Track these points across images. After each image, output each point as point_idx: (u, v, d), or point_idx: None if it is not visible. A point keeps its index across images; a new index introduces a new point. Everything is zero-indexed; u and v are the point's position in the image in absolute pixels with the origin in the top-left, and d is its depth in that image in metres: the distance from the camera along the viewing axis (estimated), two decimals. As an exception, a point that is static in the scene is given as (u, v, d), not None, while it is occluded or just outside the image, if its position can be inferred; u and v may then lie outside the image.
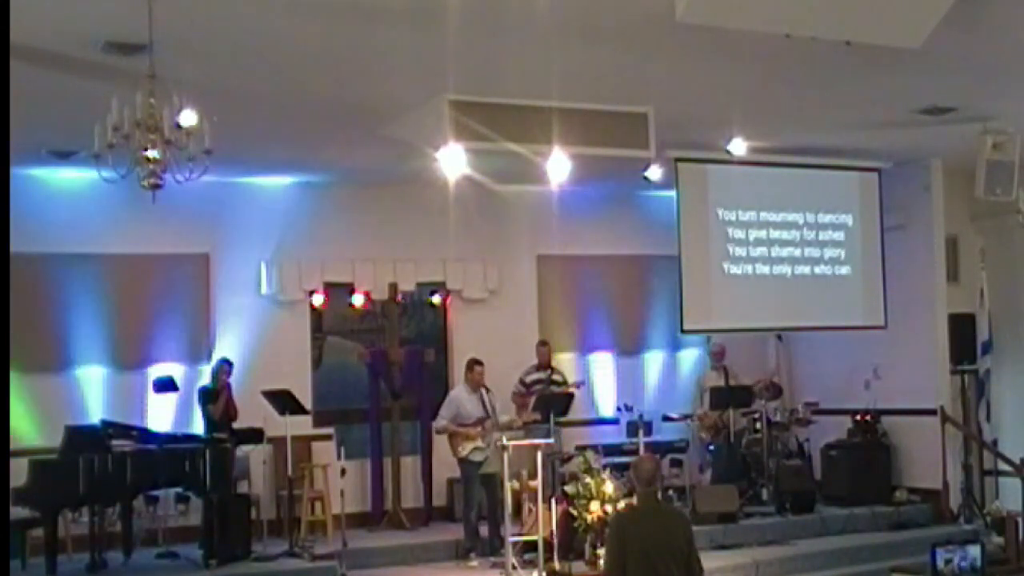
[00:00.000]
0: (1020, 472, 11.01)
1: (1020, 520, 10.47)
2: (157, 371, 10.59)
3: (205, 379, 10.53)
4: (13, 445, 9.06)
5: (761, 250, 11.20)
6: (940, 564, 8.21)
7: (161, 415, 10.46)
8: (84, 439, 8.95)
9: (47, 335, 10.43)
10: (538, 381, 11.39)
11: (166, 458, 9.18)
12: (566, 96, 8.22)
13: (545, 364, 11.55)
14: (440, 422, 10.11)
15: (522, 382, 11.39)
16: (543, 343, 11.72)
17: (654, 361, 12.94)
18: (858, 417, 11.95)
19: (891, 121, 9.77)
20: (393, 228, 11.62)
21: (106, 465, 8.81)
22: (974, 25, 6.90)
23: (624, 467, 10.28)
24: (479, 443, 9.87)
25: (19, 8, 5.80)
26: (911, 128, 9.94)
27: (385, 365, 11.32)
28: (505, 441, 9.23)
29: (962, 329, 11.89)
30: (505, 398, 11.03)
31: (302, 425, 10.56)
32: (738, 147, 10.05)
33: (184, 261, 11.03)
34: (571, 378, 11.82)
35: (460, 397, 10.12)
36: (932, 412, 11.52)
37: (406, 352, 11.43)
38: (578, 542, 9.36)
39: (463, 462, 9.98)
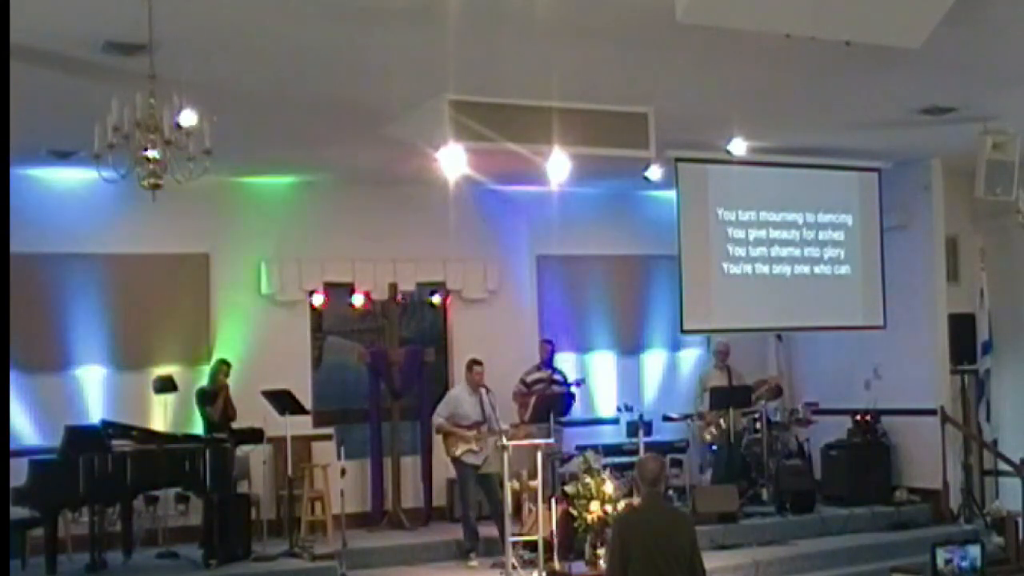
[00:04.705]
0: (1020, 472, 11.01)
1: (1020, 520, 10.49)
2: (157, 371, 10.59)
3: (205, 379, 10.52)
4: (13, 445, 9.07)
5: (761, 250, 11.19)
6: (940, 564, 8.21)
7: (161, 415, 10.45)
8: (84, 439, 8.94)
9: (47, 335, 10.42)
10: (539, 380, 11.39)
11: (166, 458, 9.18)
12: (566, 96, 8.22)
13: (547, 363, 11.56)
14: (437, 419, 10.11)
15: (523, 382, 11.39)
16: (547, 341, 11.73)
17: (654, 361, 12.94)
18: (858, 417, 11.94)
19: (891, 121, 9.77)
20: (393, 228, 11.61)
21: (106, 465, 8.81)
22: (974, 25, 6.90)
23: (624, 467, 10.31)
24: (473, 446, 9.88)
25: (19, 8, 5.80)
26: (911, 128, 9.94)
27: (385, 365, 11.32)
28: (505, 441, 9.24)
29: (962, 329, 11.89)
30: (506, 398, 11.03)
31: (302, 425, 10.57)
32: (738, 147, 10.05)
33: (184, 261, 11.02)
34: (572, 377, 11.83)
35: (459, 397, 10.12)
36: (932, 412, 11.52)
37: (406, 352, 11.43)
38: (578, 542, 9.36)
39: (456, 462, 10.00)
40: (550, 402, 10.57)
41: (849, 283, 11.62)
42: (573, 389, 11.44)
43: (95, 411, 10.24)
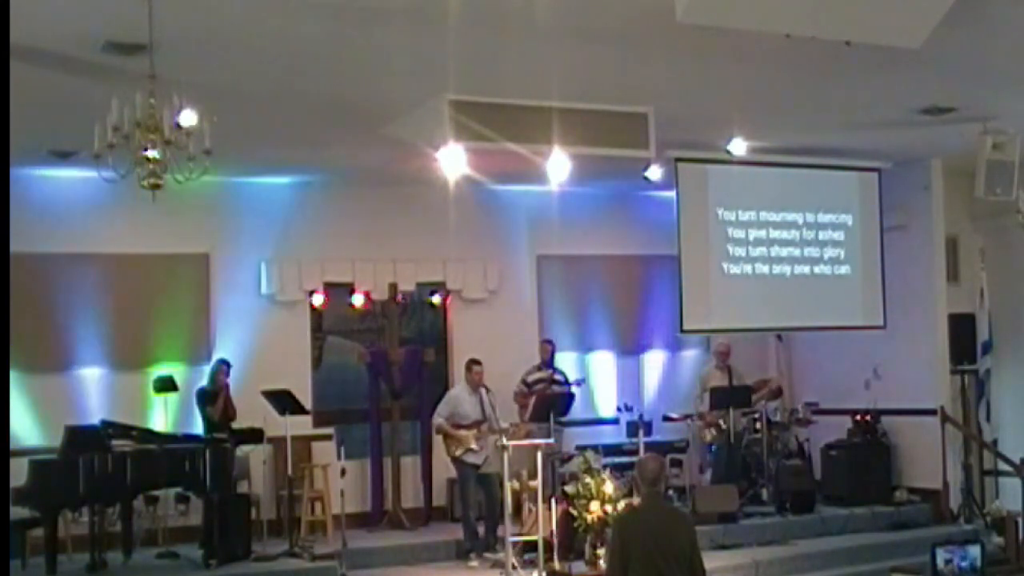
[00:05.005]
0: (1020, 472, 11.01)
1: (1020, 520, 10.49)
2: (157, 371, 10.59)
3: (205, 379, 10.52)
4: (13, 445, 9.07)
5: (761, 250, 11.19)
6: (940, 564, 8.23)
7: (161, 415, 10.45)
8: (84, 439, 8.94)
9: (47, 335, 10.42)
10: (540, 380, 11.39)
11: (166, 458, 9.18)
12: (566, 96, 8.22)
13: (547, 363, 11.56)
14: (437, 419, 10.15)
15: (524, 382, 11.39)
16: (547, 342, 11.74)
17: (654, 361, 12.94)
18: (858, 417, 11.94)
19: (891, 121, 9.76)
20: (393, 228, 11.61)
21: (106, 465, 8.82)
22: (974, 25, 6.90)
23: (624, 467, 10.32)
24: (472, 445, 9.88)
25: (19, 8, 5.80)
26: (911, 128, 9.94)
27: (385, 365, 11.32)
28: (505, 441, 9.24)
29: (962, 329, 11.89)
30: (506, 398, 11.03)
31: (302, 425, 10.57)
32: (738, 147, 10.05)
33: (184, 261, 11.02)
34: (573, 377, 11.82)
35: (459, 396, 10.14)
36: (932, 412, 11.52)
37: (406, 352, 11.43)
38: (578, 542, 9.36)
39: (456, 461, 10.01)
40: (550, 402, 10.56)
41: (849, 283, 11.62)
42: (573, 389, 11.43)
43: (95, 411, 10.23)
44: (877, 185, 11.66)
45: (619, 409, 11.80)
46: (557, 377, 11.55)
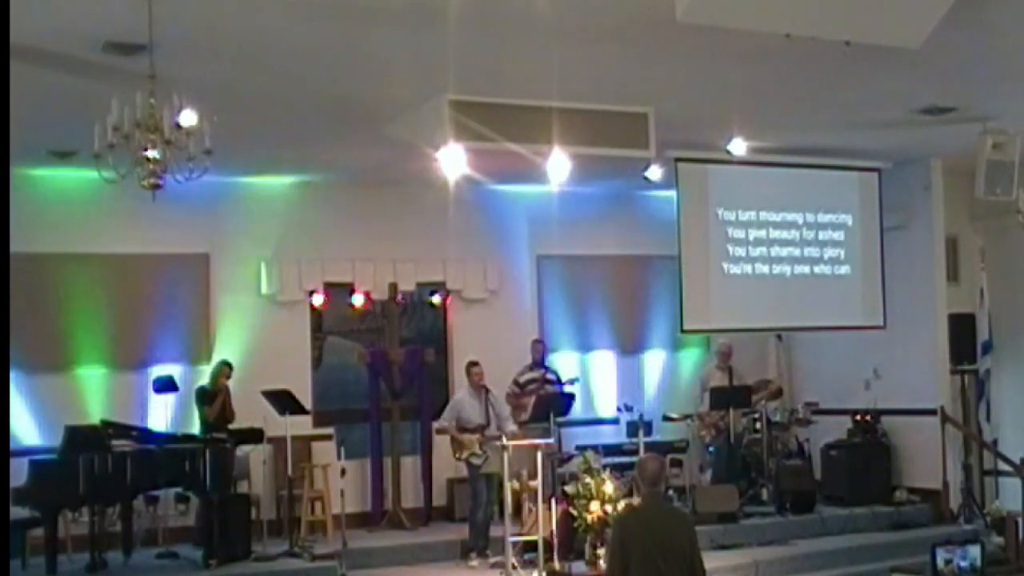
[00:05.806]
0: (1020, 472, 11.01)
1: (1020, 520, 10.48)
2: (157, 371, 10.59)
3: (205, 379, 10.52)
4: (13, 445, 9.07)
5: (761, 250, 11.20)
6: (940, 564, 8.23)
7: (161, 415, 10.44)
8: (84, 439, 8.94)
9: (47, 335, 10.42)
10: (532, 380, 11.35)
11: (166, 458, 9.18)
12: (566, 96, 8.22)
13: (539, 362, 11.54)
14: (441, 423, 10.17)
15: (516, 383, 11.32)
16: (538, 341, 11.72)
17: (654, 361, 12.94)
18: (858, 417, 11.94)
19: (891, 121, 9.77)
20: (393, 228, 11.61)
21: (106, 465, 8.81)
22: (974, 25, 6.91)
23: (624, 467, 10.31)
24: (476, 449, 9.86)
25: (19, 8, 5.81)
26: (911, 128, 9.95)
27: (385, 365, 11.32)
28: (505, 441, 9.24)
29: (962, 329, 11.89)
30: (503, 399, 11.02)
31: (302, 425, 10.58)
32: (738, 147, 10.05)
33: (184, 261, 11.02)
34: (565, 376, 11.78)
35: (462, 401, 10.11)
36: (932, 412, 11.52)
37: (406, 352, 11.43)
38: (578, 542, 9.36)
39: (465, 463, 10.01)
40: (549, 402, 10.55)
41: (849, 283, 11.62)
42: (572, 389, 11.40)
43: (95, 411, 10.23)
44: (877, 185, 11.66)
45: (619, 409, 11.78)
46: (549, 376, 11.50)
